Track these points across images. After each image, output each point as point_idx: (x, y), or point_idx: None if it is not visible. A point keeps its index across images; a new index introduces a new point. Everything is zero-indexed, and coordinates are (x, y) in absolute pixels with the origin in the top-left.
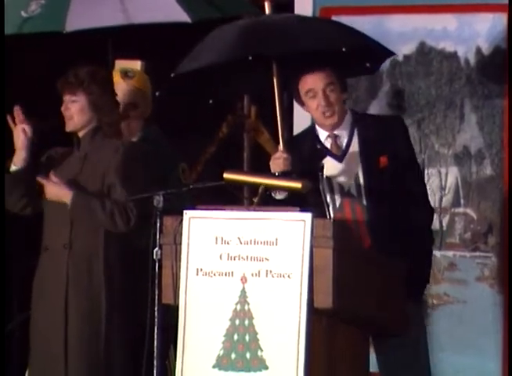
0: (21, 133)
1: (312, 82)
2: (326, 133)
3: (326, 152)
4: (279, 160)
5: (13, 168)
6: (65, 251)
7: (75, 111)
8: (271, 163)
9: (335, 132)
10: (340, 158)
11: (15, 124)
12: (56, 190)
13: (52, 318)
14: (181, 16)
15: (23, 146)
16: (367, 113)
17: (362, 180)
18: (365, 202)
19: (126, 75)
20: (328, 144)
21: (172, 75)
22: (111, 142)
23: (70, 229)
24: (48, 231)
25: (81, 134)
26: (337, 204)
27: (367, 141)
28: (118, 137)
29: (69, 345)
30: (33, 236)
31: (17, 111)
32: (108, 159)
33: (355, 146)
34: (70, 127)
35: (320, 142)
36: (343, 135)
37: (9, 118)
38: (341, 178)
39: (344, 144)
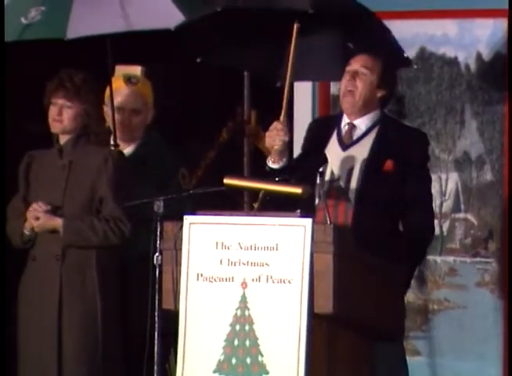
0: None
1: (353, 64)
2: (347, 120)
3: (336, 137)
4: (272, 132)
5: (26, 233)
6: (57, 262)
7: (68, 117)
8: (266, 135)
9: (354, 122)
10: (345, 147)
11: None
12: (46, 223)
13: (45, 330)
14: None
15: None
16: (397, 120)
17: (356, 177)
18: (352, 200)
19: (129, 81)
20: (343, 131)
21: (218, 9)
22: (97, 150)
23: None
24: (37, 241)
25: (63, 140)
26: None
27: (382, 142)
28: (103, 145)
29: (64, 356)
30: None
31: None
32: (96, 168)
33: (367, 142)
34: (57, 129)
35: (339, 127)
36: (361, 127)
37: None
38: (336, 169)
39: (357, 136)
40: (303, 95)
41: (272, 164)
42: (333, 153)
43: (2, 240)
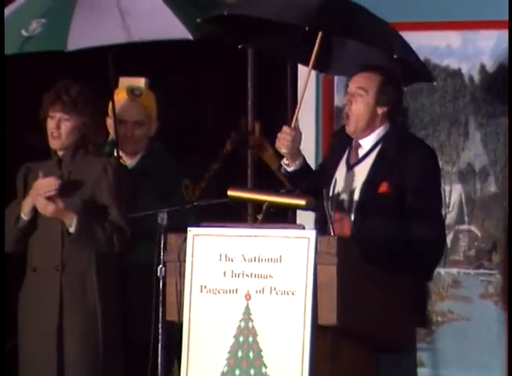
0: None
1: (350, 85)
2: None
3: (346, 154)
4: (281, 135)
5: (23, 217)
6: (57, 272)
7: (66, 130)
8: (277, 137)
9: (359, 141)
10: (349, 167)
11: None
12: (59, 212)
13: (46, 340)
14: (183, 33)
15: (36, 199)
16: (404, 133)
17: (356, 197)
18: (352, 218)
19: (132, 93)
20: (351, 149)
21: (225, 13)
22: (96, 160)
23: (61, 250)
24: (36, 251)
25: (61, 152)
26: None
27: (380, 163)
28: (100, 154)
29: (66, 366)
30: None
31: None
32: (96, 177)
33: (367, 163)
34: (55, 145)
35: (351, 144)
36: (365, 145)
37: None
38: (341, 188)
39: (361, 155)
40: (307, 107)
41: (286, 166)
42: (340, 171)
43: (2, 240)
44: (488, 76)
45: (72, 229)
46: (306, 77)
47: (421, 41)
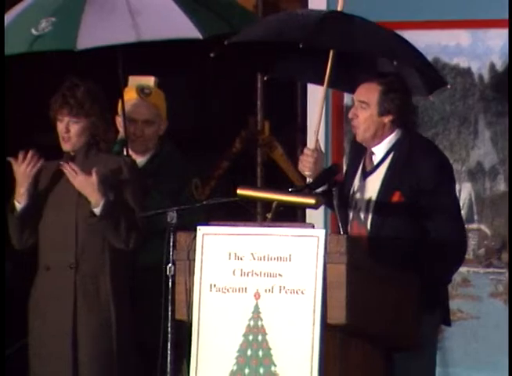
0: (24, 170)
1: (355, 97)
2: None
3: (362, 162)
4: (302, 157)
5: (18, 205)
6: (71, 271)
7: (75, 132)
8: (299, 160)
9: (372, 149)
10: (365, 175)
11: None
12: (88, 187)
13: (60, 341)
14: (192, 32)
15: (23, 182)
16: (417, 139)
17: (371, 207)
18: (369, 227)
19: (142, 92)
20: (366, 157)
21: (226, 43)
22: (109, 157)
23: (75, 249)
24: (50, 250)
25: (73, 151)
26: (349, 221)
27: (393, 171)
28: (112, 152)
29: (80, 365)
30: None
31: (31, 156)
32: (110, 175)
33: (380, 173)
34: (67, 148)
35: (366, 150)
36: (378, 154)
37: (13, 159)
38: (358, 196)
39: (376, 163)
40: (315, 106)
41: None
42: (357, 180)
43: (3, 237)
44: (497, 75)
45: (98, 211)
46: (321, 101)
47: (430, 40)
